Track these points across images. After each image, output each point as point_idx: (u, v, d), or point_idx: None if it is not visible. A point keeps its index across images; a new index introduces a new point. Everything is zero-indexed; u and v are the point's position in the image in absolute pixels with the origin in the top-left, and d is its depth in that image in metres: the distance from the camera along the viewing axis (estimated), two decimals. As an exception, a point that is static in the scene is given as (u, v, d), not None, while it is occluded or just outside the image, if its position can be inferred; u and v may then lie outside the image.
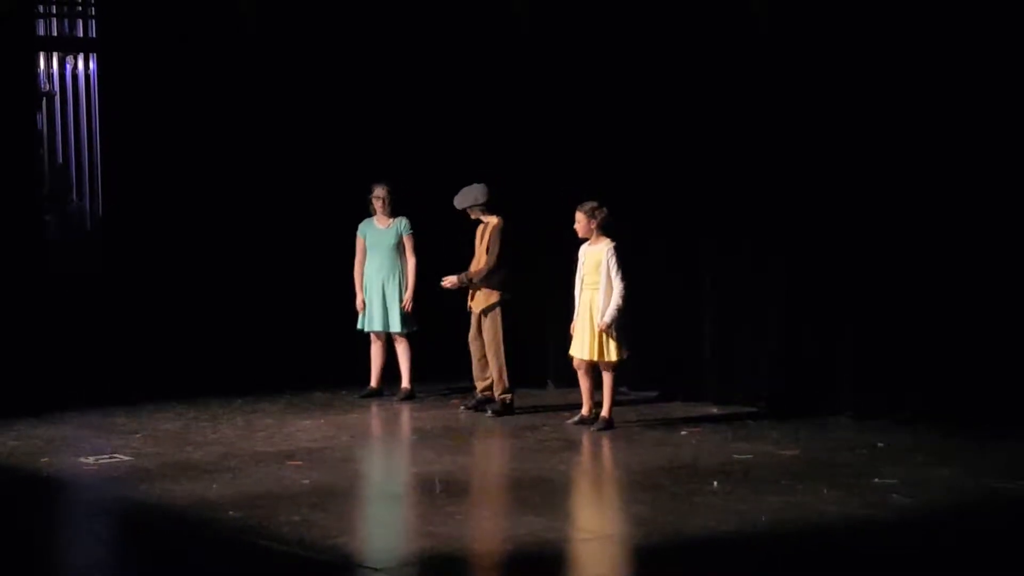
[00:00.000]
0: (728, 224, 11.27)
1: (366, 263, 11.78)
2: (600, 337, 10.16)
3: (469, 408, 11.16)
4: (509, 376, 10.96)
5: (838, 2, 10.62)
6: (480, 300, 11.00)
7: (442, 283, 10.98)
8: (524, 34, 12.43)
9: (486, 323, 10.97)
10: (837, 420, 10.55)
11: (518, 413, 11.01)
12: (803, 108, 10.81)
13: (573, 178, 11.60)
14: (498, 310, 10.93)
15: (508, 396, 11.00)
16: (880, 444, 9.66)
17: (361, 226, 11.84)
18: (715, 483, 8.55)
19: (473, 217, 11.09)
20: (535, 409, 11.24)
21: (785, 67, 10.88)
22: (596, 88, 11.93)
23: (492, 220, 11.02)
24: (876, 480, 8.56)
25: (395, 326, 11.70)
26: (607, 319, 10.11)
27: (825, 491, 8.31)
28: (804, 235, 10.87)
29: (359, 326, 11.81)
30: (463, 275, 10.93)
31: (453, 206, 11.06)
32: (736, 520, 7.71)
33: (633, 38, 11.70)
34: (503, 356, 10.91)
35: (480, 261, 10.98)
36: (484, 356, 11.03)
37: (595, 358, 10.22)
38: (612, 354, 10.17)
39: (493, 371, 10.98)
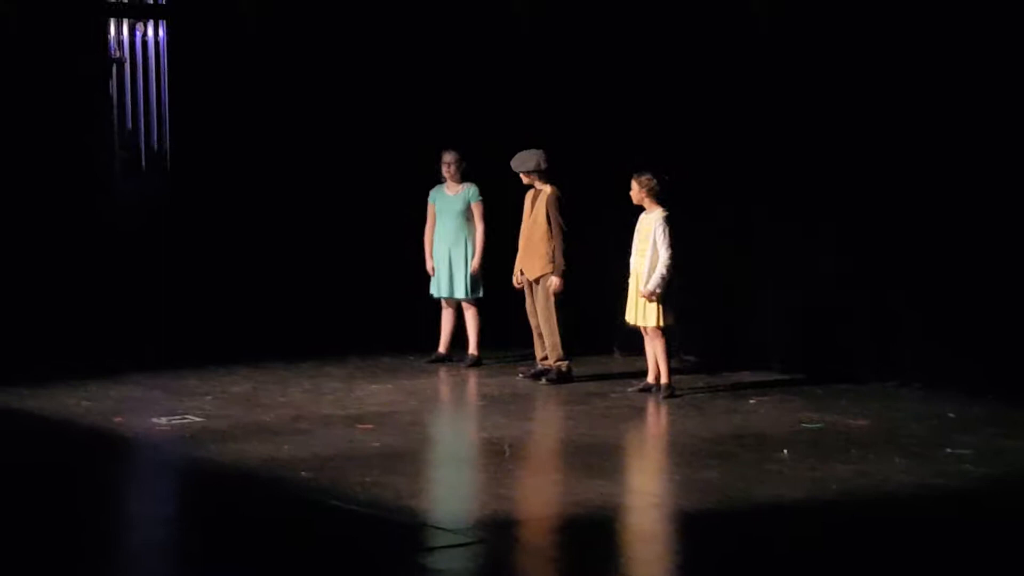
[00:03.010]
0: (791, 190, 11.21)
1: (436, 229, 11.81)
2: (644, 303, 10.19)
3: (527, 377, 11.15)
4: (570, 343, 10.95)
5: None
6: (535, 269, 10.99)
7: (551, 290, 10.88)
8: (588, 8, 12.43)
9: (539, 291, 10.97)
10: (906, 391, 10.49)
11: (584, 380, 11.02)
12: (855, 73, 10.76)
13: (641, 147, 11.56)
14: (551, 281, 10.92)
15: (564, 364, 10.98)
16: (951, 415, 9.60)
17: (432, 192, 11.87)
18: (784, 451, 8.53)
19: (526, 182, 11.07)
20: (601, 376, 11.24)
21: (839, 35, 10.81)
22: (656, 60, 11.91)
23: (546, 189, 11.00)
24: (948, 450, 8.52)
25: (459, 292, 11.73)
26: (650, 286, 10.14)
27: (896, 460, 8.28)
28: (871, 202, 10.80)
29: (430, 292, 11.86)
30: (555, 269, 10.82)
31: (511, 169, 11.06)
32: (806, 487, 7.70)
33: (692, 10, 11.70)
34: (556, 324, 10.89)
35: (533, 228, 10.95)
36: (542, 325, 11.05)
37: (640, 323, 10.25)
38: (653, 319, 10.19)
39: (547, 339, 10.96)
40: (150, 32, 13.12)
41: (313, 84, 13.09)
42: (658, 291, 10.16)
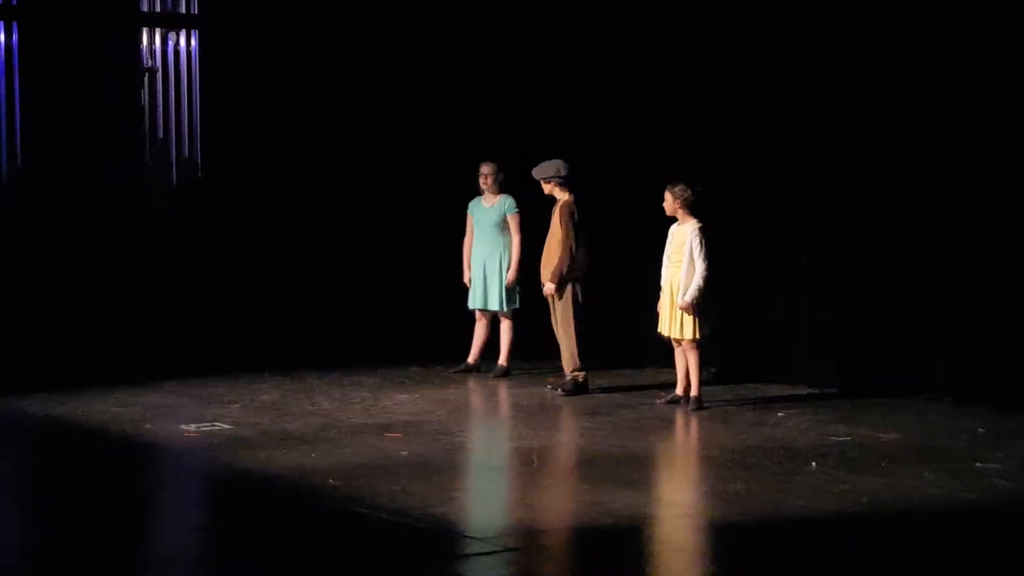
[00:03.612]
0: (823, 205, 11.19)
1: (473, 241, 11.82)
2: (680, 315, 10.18)
3: (555, 388, 11.13)
4: (601, 355, 10.93)
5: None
6: (548, 278, 10.98)
7: (544, 292, 10.93)
8: (628, 18, 12.42)
9: (558, 303, 10.97)
10: (937, 405, 10.44)
11: (613, 391, 11.01)
12: (890, 93, 10.75)
13: (679, 160, 11.54)
14: (569, 289, 10.91)
15: (580, 375, 10.97)
16: (981, 429, 9.55)
17: (471, 204, 11.88)
18: (813, 464, 8.50)
19: (547, 191, 11.07)
20: (630, 388, 11.22)
21: (887, 57, 10.79)
22: (702, 74, 11.88)
23: (563, 198, 11.01)
24: (978, 464, 8.47)
25: (493, 304, 11.73)
26: (688, 298, 10.12)
27: (926, 474, 8.23)
28: (902, 217, 10.77)
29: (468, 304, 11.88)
30: (552, 275, 10.86)
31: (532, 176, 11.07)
32: (835, 500, 7.67)
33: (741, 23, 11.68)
34: (574, 335, 10.88)
35: (552, 239, 10.96)
36: (567, 336, 11.05)
37: (675, 335, 10.25)
38: (689, 332, 10.17)
39: (563, 349, 10.96)
40: (183, 42, 13.19)
41: (346, 94, 13.13)
42: (694, 302, 10.14)
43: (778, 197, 11.47)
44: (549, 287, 10.90)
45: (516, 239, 11.65)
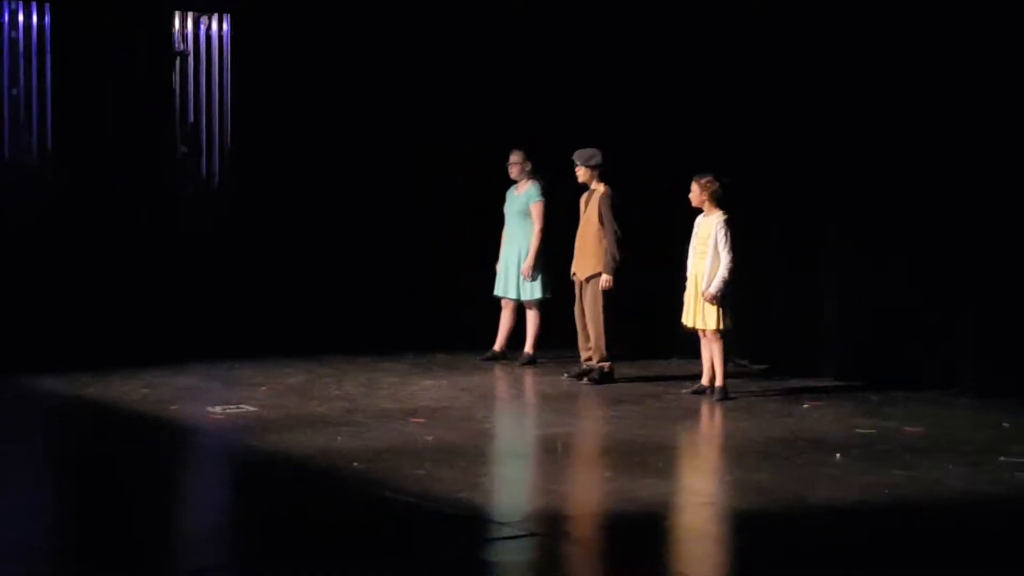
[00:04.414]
0: (850, 201, 11.18)
1: (504, 229, 11.85)
2: (704, 306, 10.20)
3: (572, 376, 11.16)
4: (620, 344, 10.96)
5: None
6: (586, 268, 11.01)
7: (601, 286, 10.89)
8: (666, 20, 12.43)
9: (588, 290, 10.98)
10: (961, 399, 10.43)
11: (638, 381, 11.03)
12: (919, 91, 10.74)
13: (707, 153, 11.53)
14: (601, 278, 10.94)
15: (607, 364, 10.99)
16: (1006, 424, 9.53)
17: (507, 192, 11.91)
18: (837, 455, 8.51)
19: (582, 180, 11.06)
20: (656, 378, 11.25)
21: (921, 56, 10.77)
22: (737, 69, 11.87)
23: (600, 188, 11.03)
24: (1002, 458, 8.46)
25: (512, 292, 11.76)
26: (712, 289, 10.14)
27: (950, 467, 8.23)
28: (929, 211, 10.75)
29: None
30: (605, 266, 10.85)
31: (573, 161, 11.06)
32: (858, 492, 7.67)
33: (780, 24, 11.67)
34: (602, 324, 10.90)
35: (586, 228, 10.97)
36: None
37: (699, 326, 10.27)
38: (713, 322, 10.19)
39: (592, 339, 10.98)
40: (214, 26, 13.24)
41: (377, 79, 13.15)
42: (719, 294, 10.16)
43: (805, 192, 11.46)
44: (606, 279, 10.87)
45: (535, 227, 11.65)
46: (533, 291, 11.72)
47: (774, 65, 11.63)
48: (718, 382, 10.34)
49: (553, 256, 11.61)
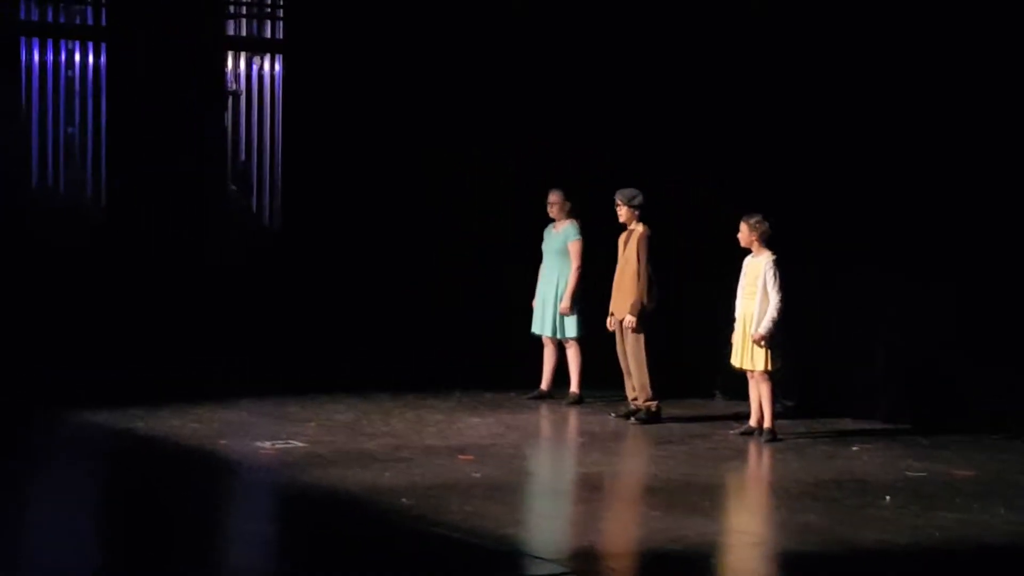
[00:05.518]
0: (895, 242, 11.13)
1: (541, 267, 11.90)
2: (752, 347, 10.19)
3: (619, 416, 11.14)
4: (664, 385, 10.95)
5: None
6: (624, 309, 11.00)
7: (625, 325, 10.94)
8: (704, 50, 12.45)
9: (630, 333, 10.97)
10: (1012, 443, 10.34)
11: (685, 421, 11.00)
12: (964, 118, 10.71)
13: (752, 193, 11.53)
14: (626, 318, 10.92)
15: (653, 404, 10.97)
16: (1057, 468, 9.47)
17: (545, 231, 11.96)
18: (887, 498, 8.45)
19: (623, 219, 11.08)
20: (703, 418, 11.22)
21: (962, 79, 10.75)
22: (776, 106, 11.88)
23: (639, 229, 11.04)
24: (1054, 503, 8.39)
25: (547, 330, 11.78)
26: (762, 330, 10.13)
27: (1001, 511, 8.16)
28: (973, 253, 10.70)
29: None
30: (632, 307, 10.88)
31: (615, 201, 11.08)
32: (909, 534, 7.63)
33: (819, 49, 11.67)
34: (645, 364, 10.89)
35: (624, 268, 11.00)
36: (632, 365, 11.05)
37: (747, 367, 10.25)
38: (761, 363, 10.17)
39: (636, 380, 10.97)
40: (267, 66, 13.38)
41: (427, 120, 13.22)
42: (768, 335, 10.14)
43: (857, 231, 11.40)
44: (630, 319, 10.90)
45: (573, 265, 11.68)
46: (569, 328, 11.74)
47: (805, 92, 11.60)
48: (766, 423, 10.30)
49: (589, 294, 11.62)
